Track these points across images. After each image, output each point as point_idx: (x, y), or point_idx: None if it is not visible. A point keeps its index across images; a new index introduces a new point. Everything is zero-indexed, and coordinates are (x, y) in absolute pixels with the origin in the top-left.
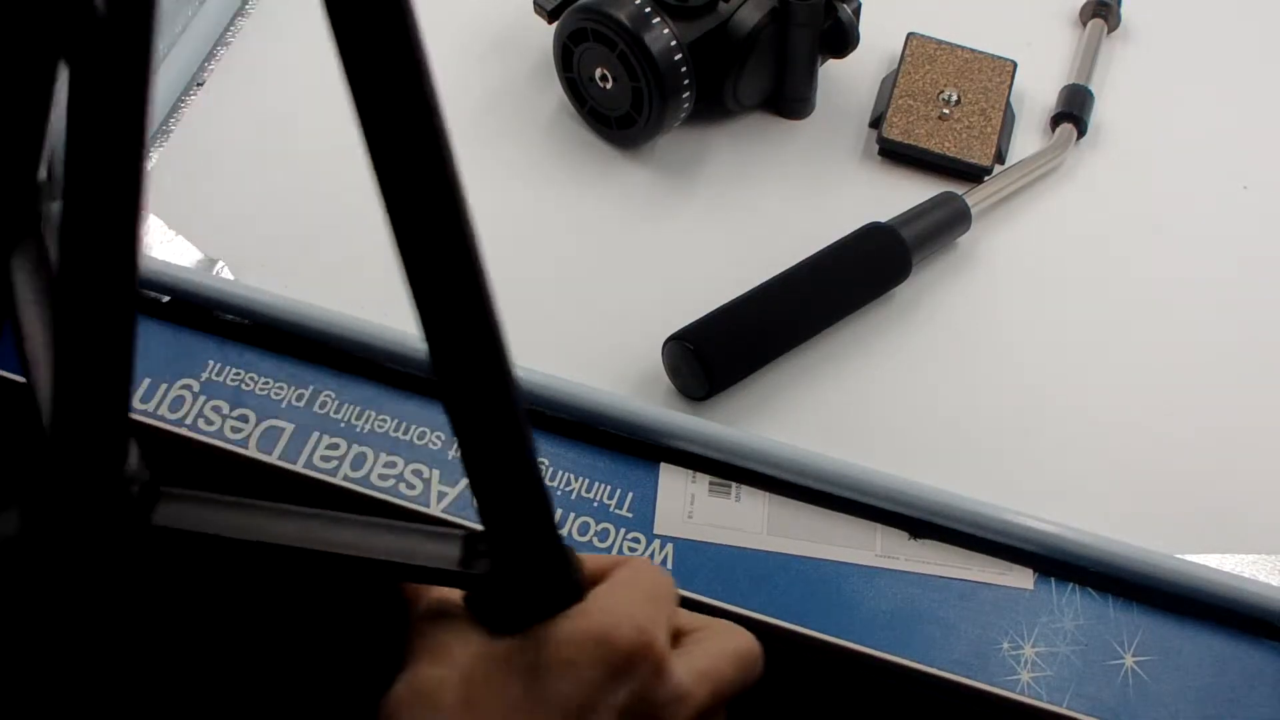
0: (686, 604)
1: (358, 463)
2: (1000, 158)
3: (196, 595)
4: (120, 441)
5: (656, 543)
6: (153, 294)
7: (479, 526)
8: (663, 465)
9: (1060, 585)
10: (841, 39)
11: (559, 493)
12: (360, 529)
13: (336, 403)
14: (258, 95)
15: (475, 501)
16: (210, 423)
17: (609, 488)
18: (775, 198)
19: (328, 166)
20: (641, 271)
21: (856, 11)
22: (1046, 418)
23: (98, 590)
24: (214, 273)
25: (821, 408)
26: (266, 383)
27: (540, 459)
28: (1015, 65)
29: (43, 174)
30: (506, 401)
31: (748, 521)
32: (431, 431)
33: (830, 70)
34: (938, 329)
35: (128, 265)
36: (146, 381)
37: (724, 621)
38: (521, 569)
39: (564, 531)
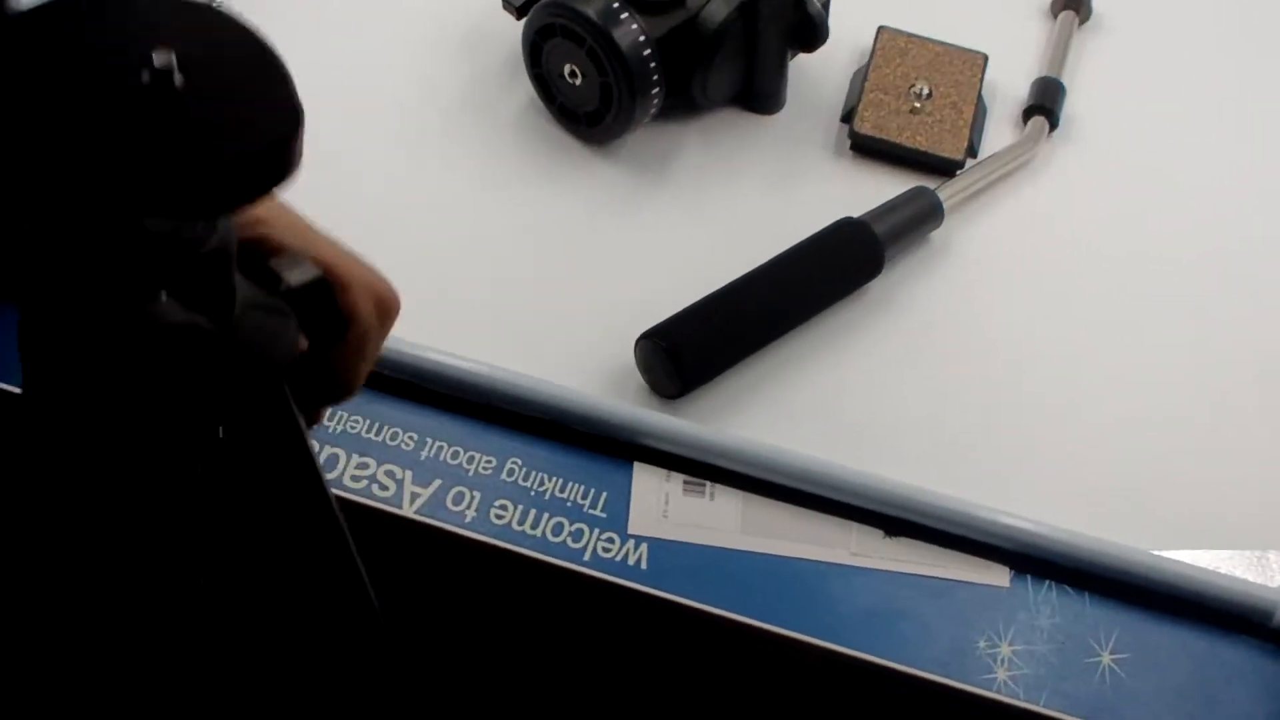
0: (661, 605)
1: (330, 464)
2: (972, 151)
3: None
4: None
5: (631, 542)
6: None
7: None
8: (636, 464)
9: (1037, 583)
10: (810, 32)
11: (532, 493)
12: None
13: None
14: None
15: None
16: None
17: (582, 488)
18: (746, 194)
19: (312, 172)
20: (612, 269)
21: (825, 5)
22: (1021, 414)
23: None
24: None
25: (795, 405)
26: None
27: (514, 458)
28: (986, 58)
29: None
30: None
31: (722, 520)
32: (404, 432)
33: (800, 65)
34: (911, 324)
35: None
36: None
37: None
38: None
39: (537, 532)
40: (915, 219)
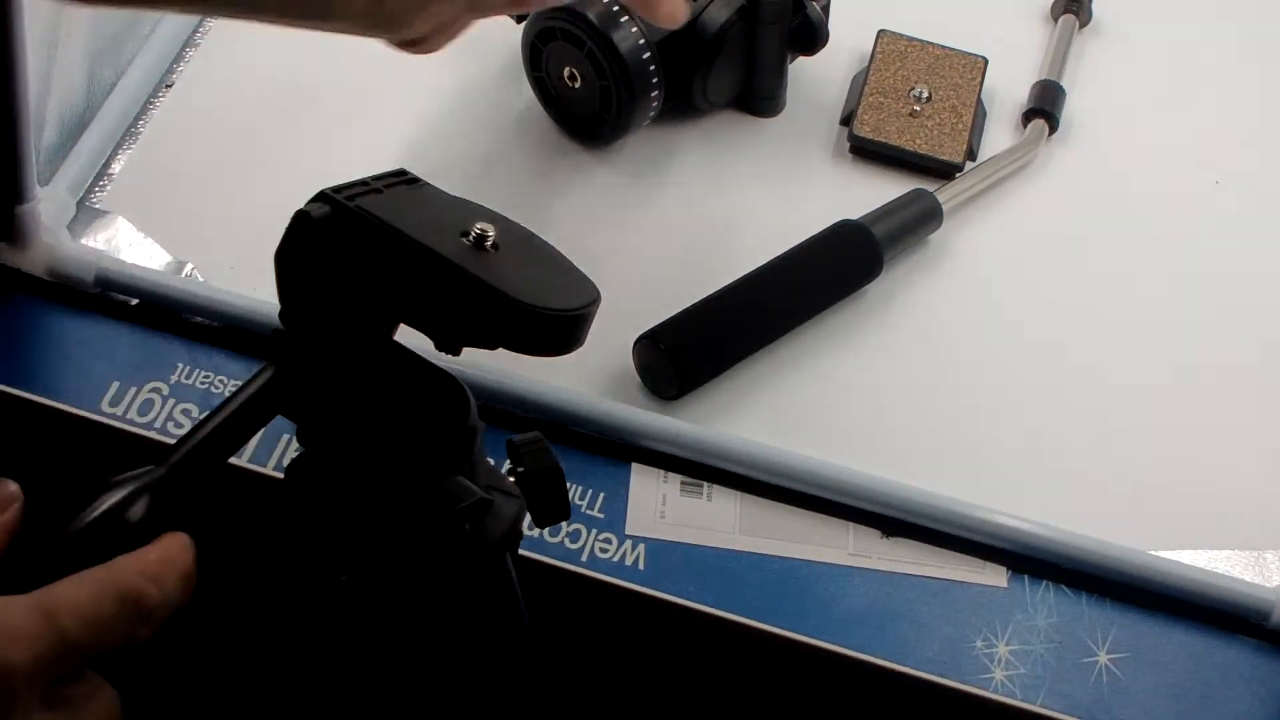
0: (659, 605)
1: None
2: (971, 154)
3: None
4: None
5: (628, 543)
6: (121, 296)
7: None
8: (634, 465)
9: (1034, 583)
10: (811, 36)
11: None
12: None
13: None
14: (226, 97)
15: None
16: (180, 426)
17: (580, 488)
18: (746, 196)
19: (296, 168)
20: (611, 270)
21: (826, 9)
22: (1019, 415)
23: None
24: (183, 275)
25: (793, 406)
26: (236, 385)
27: None
28: (986, 61)
29: None
30: None
31: (720, 521)
32: None
33: (800, 68)
34: (910, 326)
35: None
36: (115, 385)
37: None
38: None
39: (534, 532)
40: (914, 221)
